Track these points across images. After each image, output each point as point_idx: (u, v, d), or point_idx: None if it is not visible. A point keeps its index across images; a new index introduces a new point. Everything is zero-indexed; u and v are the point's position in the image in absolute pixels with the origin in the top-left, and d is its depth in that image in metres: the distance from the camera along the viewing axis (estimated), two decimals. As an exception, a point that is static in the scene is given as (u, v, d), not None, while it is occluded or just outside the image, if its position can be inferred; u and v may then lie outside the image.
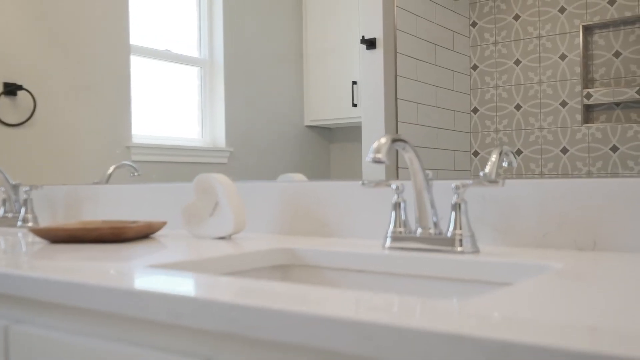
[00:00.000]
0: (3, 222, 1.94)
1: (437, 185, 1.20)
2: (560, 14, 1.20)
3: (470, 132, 1.30)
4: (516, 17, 1.25)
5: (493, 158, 1.27)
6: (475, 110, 1.29)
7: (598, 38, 1.16)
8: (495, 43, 1.27)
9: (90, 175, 2.03)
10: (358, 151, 1.47)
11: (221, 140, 1.80)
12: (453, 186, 1.06)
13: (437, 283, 1.02)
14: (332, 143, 1.58)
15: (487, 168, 1.28)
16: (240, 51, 1.79)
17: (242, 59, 1.78)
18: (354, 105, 1.50)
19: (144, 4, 2.00)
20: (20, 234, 1.64)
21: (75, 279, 0.83)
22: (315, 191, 1.40)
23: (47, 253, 1.17)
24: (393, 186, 1.14)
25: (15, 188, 1.96)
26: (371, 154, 0.97)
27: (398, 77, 1.40)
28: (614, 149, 1.13)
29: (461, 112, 1.31)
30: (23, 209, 1.89)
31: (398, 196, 1.14)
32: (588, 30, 1.17)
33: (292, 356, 0.64)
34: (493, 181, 1.04)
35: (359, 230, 1.33)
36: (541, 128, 1.21)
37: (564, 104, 1.19)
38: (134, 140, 1.97)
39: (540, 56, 1.22)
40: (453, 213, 1.06)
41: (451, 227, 1.06)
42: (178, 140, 1.91)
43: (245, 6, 1.79)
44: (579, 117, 1.17)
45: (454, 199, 1.06)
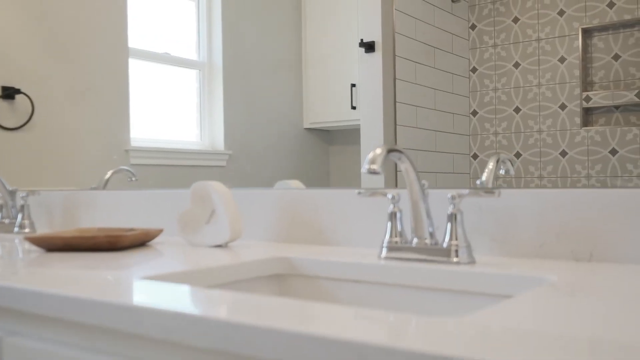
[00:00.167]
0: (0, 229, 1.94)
1: (434, 194, 1.20)
2: (559, 17, 1.19)
3: (469, 135, 1.30)
4: (515, 20, 1.24)
5: (490, 166, 1.27)
6: (474, 112, 1.29)
7: (597, 41, 1.16)
8: (494, 46, 1.27)
9: (88, 179, 2.03)
10: (357, 153, 1.47)
11: (220, 143, 1.80)
12: (449, 196, 1.06)
13: (433, 294, 1.02)
14: (331, 145, 1.58)
15: (484, 176, 1.27)
16: (239, 53, 1.79)
17: (241, 62, 1.78)
18: (353, 107, 1.50)
19: (143, 7, 1.99)
20: (17, 241, 1.64)
21: (68, 293, 0.82)
22: (312, 198, 1.39)
23: (42, 262, 1.17)
24: (389, 196, 1.14)
25: (12, 194, 1.94)
26: (366, 165, 0.97)
27: (397, 80, 1.39)
28: (613, 152, 1.13)
29: (460, 115, 1.31)
30: (20, 215, 1.87)
31: (394, 206, 1.13)
32: (587, 33, 1.17)
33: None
34: (489, 191, 1.04)
35: (356, 238, 1.32)
36: (540, 131, 1.21)
37: (563, 107, 1.18)
38: (133, 143, 1.97)
39: (539, 59, 1.21)
40: (449, 224, 1.06)
41: (447, 238, 1.06)
42: (177, 143, 1.91)
43: (244, 8, 1.79)
44: (578, 120, 1.17)
45: (450, 209, 1.06)
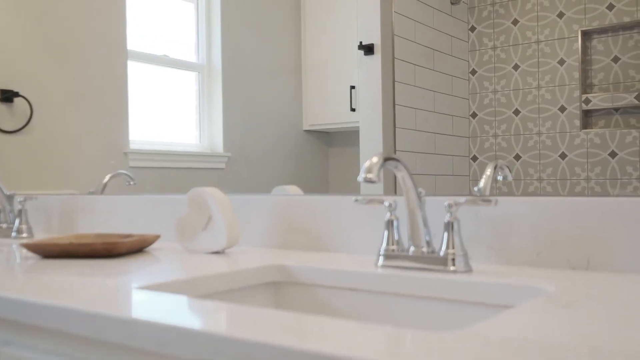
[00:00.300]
0: None
1: (431, 201, 1.20)
2: (558, 19, 1.19)
3: (469, 137, 1.29)
4: (515, 22, 1.24)
5: (487, 172, 1.27)
6: (474, 115, 1.29)
7: (597, 43, 1.15)
8: (493, 48, 1.27)
9: (87, 181, 2.03)
10: (357, 155, 1.47)
11: (219, 145, 1.80)
12: (446, 204, 1.05)
13: (430, 303, 1.02)
14: (331, 147, 1.57)
15: (482, 182, 1.27)
16: (238, 55, 1.79)
17: (240, 63, 1.78)
18: (353, 109, 1.50)
19: (142, 9, 1.99)
20: (14, 246, 1.63)
21: (62, 304, 0.82)
22: (309, 204, 1.38)
23: (38, 270, 1.16)
24: (386, 203, 1.13)
25: (9, 198, 1.94)
26: (363, 174, 0.96)
27: (396, 83, 1.39)
28: (613, 155, 1.13)
29: (460, 117, 1.31)
30: (17, 220, 1.86)
31: (391, 214, 1.13)
32: (587, 35, 1.16)
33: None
34: (486, 200, 1.04)
35: (353, 244, 1.32)
36: (540, 133, 1.20)
37: (563, 109, 1.18)
38: (132, 146, 1.97)
39: (538, 61, 1.21)
40: (446, 232, 1.05)
41: (444, 247, 1.05)
42: (176, 145, 1.90)
43: (243, 10, 1.78)
44: (578, 123, 1.17)
45: (447, 218, 1.05)
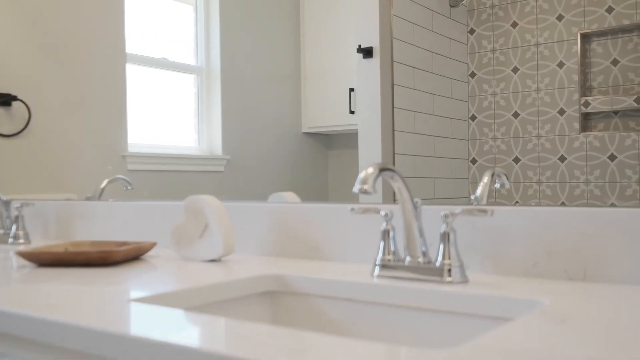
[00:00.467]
0: None
1: (427, 210, 1.19)
2: (558, 22, 1.19)
3: (468, 140, 1.29)
4: (514, 25, 1.24)
5: (485, 180, 1.26)
6: (473, 117, 1.29)
7: (596, 46, 1.16)
8: (493, 50, 1.27)
9: (86, 185, 2.03)
10: (356, 157, 1.47)
11: (218, 148, 1.80)
12: (442, 215, 1.05)
13: (425, 315, 1.02)
14: (330, 149, 1.57)
15: (479, 190, 1.27)
16: (237, 57, 1.78)
17: (239, 66, 1.78)
18: (352, 112, 1.50)
19: (140, 12, 1.99)
20: (11, 252, 1.63)
21: (54, 318, 0.82)
22: (306, 212, 1.38)
23: (32, 279, 1.16)
24: (382, 213, 1.12)
25: (6, 204, 1.93)
26: (358, 185, 0.96)
27: (395, 86, 1.39)
28: (612, 158, 1.13)
29: (459, 120, 1.31)
30: (14, 226, 1.85)
31: (387, 223, 1.12)
32: (586, 38, 1.16)
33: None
34: (482, 211, 1.03)
35: (350, 252, 1.31)
36: (539, 136, 1.20)
37: (562, 112, 1.18)
38: (130, 149, 1.97)
39: (538, 64, 1.21)
40: (442, 243, 1.05)
41: (440, 257, 1.05)
42: (174, 148, 1.90)
43: (242, 13, 1.78)
44: (577, 125, 1.17)
45: (443, 228, 1.05)
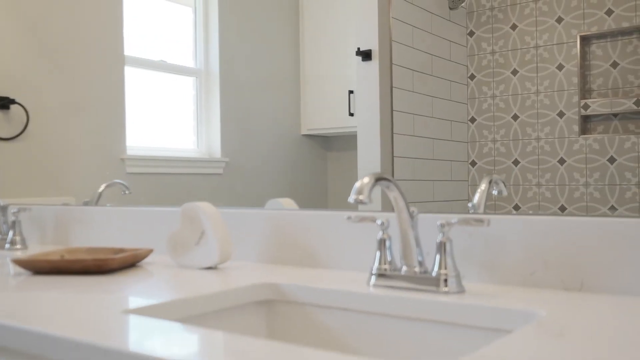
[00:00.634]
0: None
1: (424, 219, 1.19)
2: (557, 24, 1.19)
3: (467, 142, 1.29)
4: (513, 27, 1.24)
5: (482, 187, 1.26)
6: (472, 119, 1.29)
7: (595, 48, 1.15)
8: (492, 52, 1.26)
9: (85, 188, 2.03)
10: (355, 160, 1.46)
11: (217, 150, 1.80)
12: (438, 224, 1.05)
13: (421, 325, 1.01)
14: (329, 152, 1.57)
15: (476, 197, 1.27)
16: (236, 60, 1.78)
17: (238, 68, 1.77)
18: (351, 114, 1.50)
19: (139, 14, 1.98)
20: (8, 259, 1.62)
21: (48, 331, 0.82)
22: (303, 219, 1.38)
23: (27, 288, 1.16)
24: (378, 222, 1.12)
25: (3, 209, 1.92)
26: (353, 195, 0.95)
27: (394, 89, 1.39)
28: (612, 160, 1.13)
29: (458, 122, 1.30)
30: (11, 232, 1.84)
31: (383, 232, 1.12)
32: (585, 40, 1.16)
33: None
34: (479, 220, 1.03)
35: (346, 260, 1.31)
36: (538, 138, 1.20)
37: (561, 115, 1.18)
38: (129, 152, 1.96)
39: (537, 66, 1.21)
40: (438, 254, 1.04)
41: (436, 267, 1.04)
42: (173, 151, 1.90)
43: (241, 15, 1.78)
44: (576, 128, 1.16)
45: (439, 238, 1.04)
